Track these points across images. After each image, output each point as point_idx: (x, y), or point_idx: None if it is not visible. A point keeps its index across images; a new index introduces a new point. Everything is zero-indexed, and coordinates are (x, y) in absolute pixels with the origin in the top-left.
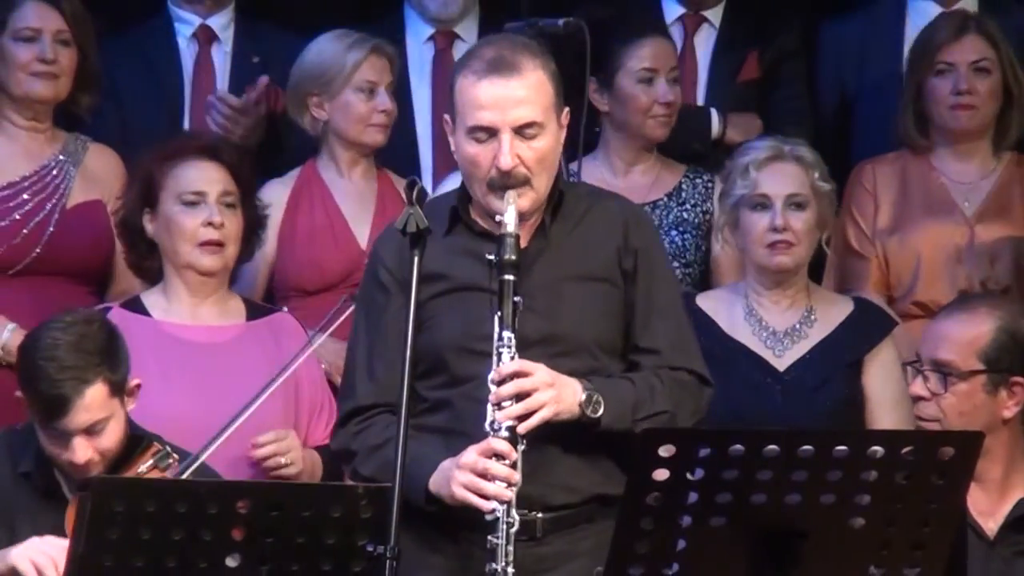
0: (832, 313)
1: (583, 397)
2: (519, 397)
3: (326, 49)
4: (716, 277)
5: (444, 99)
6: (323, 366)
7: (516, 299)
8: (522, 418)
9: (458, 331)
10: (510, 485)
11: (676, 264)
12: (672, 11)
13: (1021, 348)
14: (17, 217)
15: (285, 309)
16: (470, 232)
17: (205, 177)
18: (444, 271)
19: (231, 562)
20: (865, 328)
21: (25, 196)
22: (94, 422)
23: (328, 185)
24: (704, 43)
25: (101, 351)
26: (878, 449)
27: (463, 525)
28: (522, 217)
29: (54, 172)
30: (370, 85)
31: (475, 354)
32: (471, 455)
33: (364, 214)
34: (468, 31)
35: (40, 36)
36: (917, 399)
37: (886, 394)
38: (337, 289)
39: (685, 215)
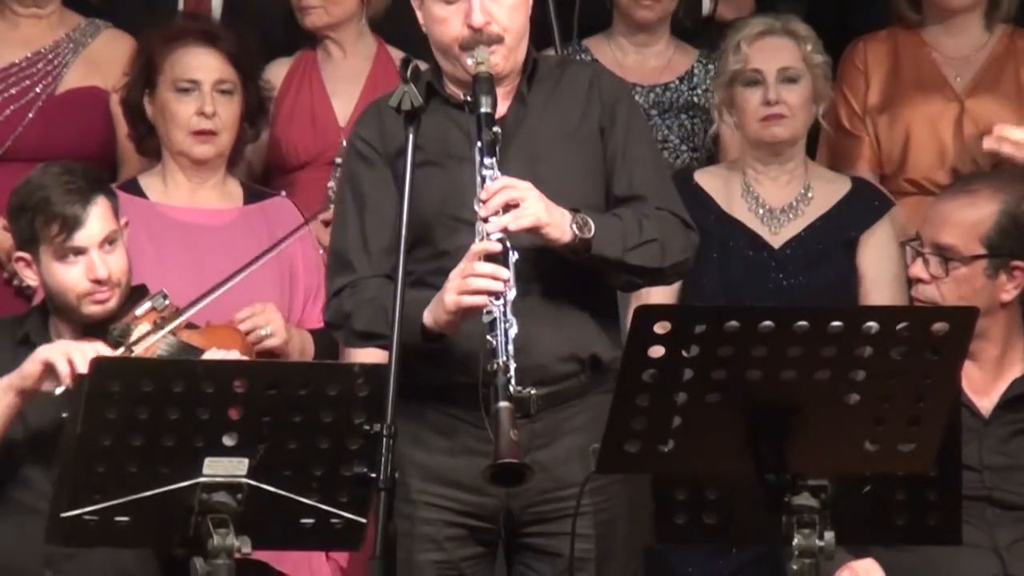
0: (829, 191)
1: (573, 217)
2: (507, 211)
3: None
4: (722, 157)
5: None
6: (320, 250)
7: (495, 130)
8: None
9: (439, 200)
10: (501, 282)
11: (684, 147)
12: None
13: (1023, 231)
14: None
15: (283, 193)
16: (446, 105)
17: (201, 64)
18: (423, 143)
19: (228, 441)
20: (862, 207)
21: (7, 82)
22: (108, 232)
23: (320, 64)
24: None
25: (93, 177)
26: (872, 324)
27: (460, 404)
28: (497, 75)
29: (49, 57)
30: None
31: (459, 222)
32: (461, 262)
33: (351, 92)
34: None
35: None
36: (916, 280)
37: (881, 273)
38: (312, 167)
39: (695, 99)
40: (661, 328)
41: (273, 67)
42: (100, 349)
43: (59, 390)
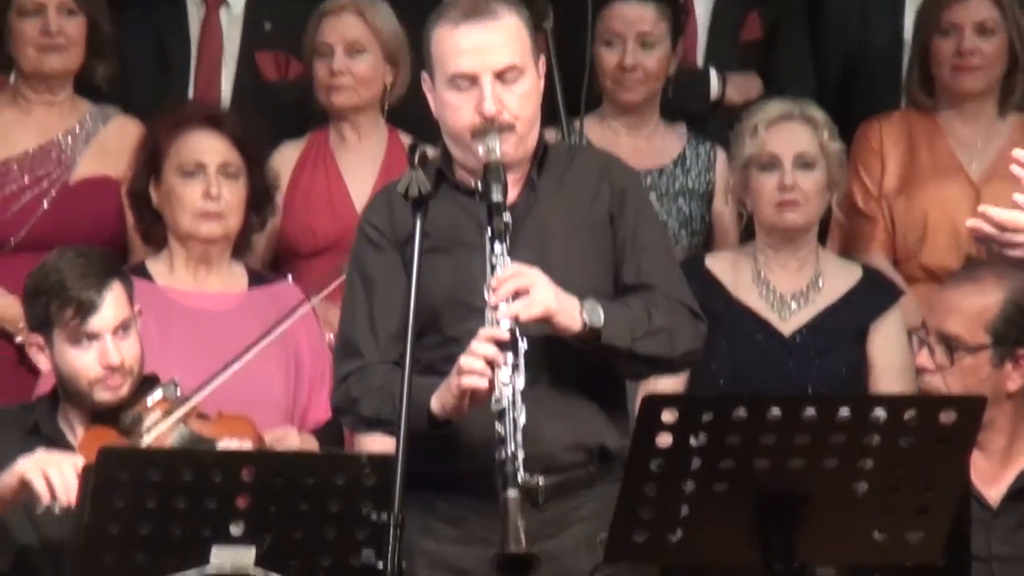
0: (840, 279)
1: (582, 305)
2: (516, 298)
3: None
4: (716, 241)
5: None
6: (328, 334)
7: (506, 219)
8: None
9: (449, 286)
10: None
11: (684, 232)
12: None
13: None
14: (8, 193)
15: (289, 278)
16: (456, 191)
17: (205, 148)
18: (431, 230)
19: (235, 530)
20: (873, 296)
21: (22, 171)
22: (122, 319)
23: (334, 148)
24: (704, 2)
25: (109, 263)
26: (880, 413)
27: (469, 492)
28: (508, 163)
29: (61, 147)
30: (326, 48)
31: (467, 308)
32: (469, 347)
33: (366, 177)
34: None
35: (44, 9)
36: (922, 370)
37: (892, 362)
38: (329, 253)
39: (690, 183)
40: (668, 417)
41: (283, 150)
42: (78, 462)
43: (40, 508)
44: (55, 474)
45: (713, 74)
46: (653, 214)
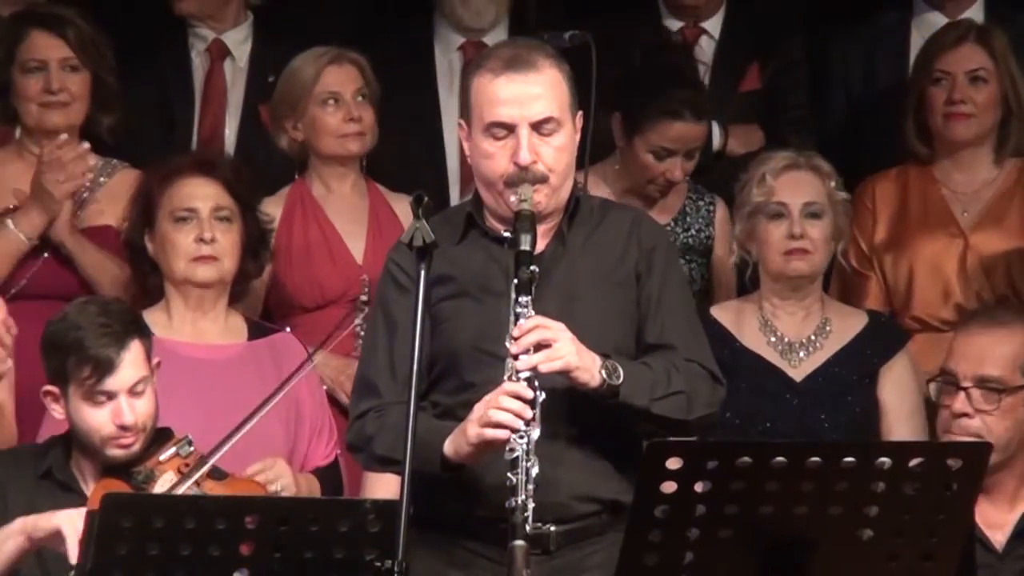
0: (847, 325)
1: (603, 362)
2: (538, 350)
3: (292, 67)
4: (715, 291)
5: None
6: (324, 386)
7: (533, 268)
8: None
9: (472, 333)
10: (525, 422)
11: None
12: (671, 24)
13: None
14: None
15: (288, 329)
16: (485, 238)
17: (198, 193)
18: (459, 274)
19: None
20: (880, 340)
21: None
22: (138, 379)
23: (319, 201)
24: (704, 55)
25: (129, 317)
26: (885, 460)
27: (479, 538)
28: (539, 213)
29: None
30: (334, 96)
31: (489, 356)
32: (487, 396)
33: (358, 229)
34: (497, 40)
35: (46, 66)
36: (957, 416)
37: (902, 406)
38: (335, 305)
39: (690, 241)
40: (673, 463)
41: (265, 205)
42: None
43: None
44: None
45: (715, 126)
46: (680, 275)
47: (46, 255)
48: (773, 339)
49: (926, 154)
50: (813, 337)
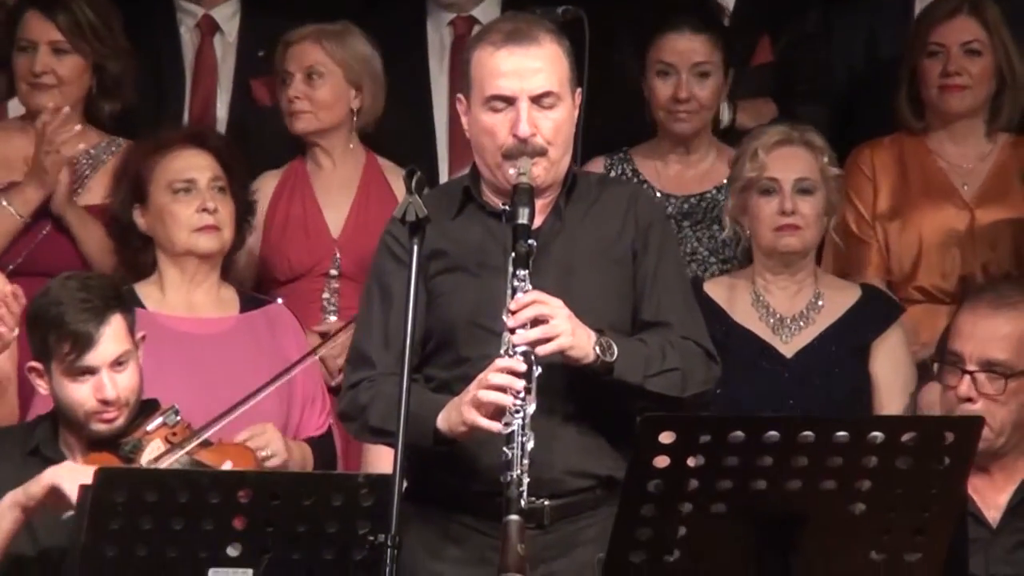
0: (839, 299)
1: (597, 338)
2: (535, 325)
3: None
4: None
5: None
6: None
7: (531, 242)
8: (538, 345)
9: (469, 307)
10: (523, 398)
11: (713, 259)
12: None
13: None
14: None
15: (280, 300)
16: (482, 212)
17: (194, 164)
18: (455, 248)
19: (232, 551)
20: (872, 314)
21: None
22: (120, 354)
23: (311, 175)
24: None
25: (110, 292)
26: (878, 435)
27: (474, 512)
28: (537, 188)
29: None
30: (286, 76)
31: (484, 331)
32: (483, 374)
33: (343, 202)
34: (488, 17)
35: (35, 47)
36: (963, 400)
37: (895, 380)
38: (305, 278)
39: None
40: (666, 438)
41: (263, 179)
42: None
43: (66, 515)
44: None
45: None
46: (676, 253)
47: (46, 231)
48: (765, 314)
49: (919, 127)
50: (805, 311)
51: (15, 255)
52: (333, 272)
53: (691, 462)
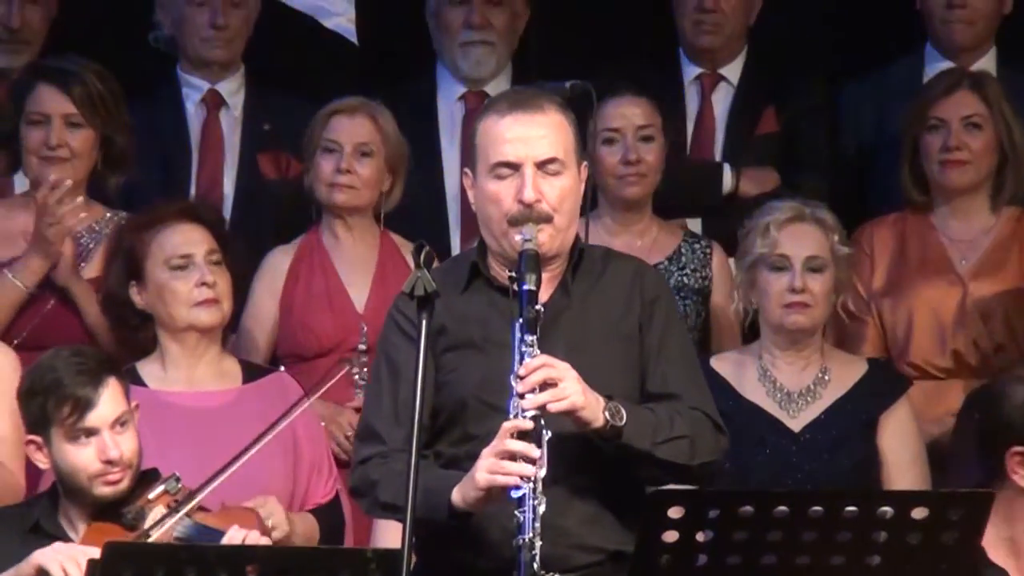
0: (846, 373)
1: (606, 403)
2: (543, 389)
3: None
4: (714, 333)
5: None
6: (323, 423)
7: (538, 307)
8: (548, 406)
9: (475, 383)
10: (533, 463)
11: None
12: (689, 71)
13: None
14: None
15: (282, 368)
16: (489, 287)
17: (190, 239)
18: (462, 325)
19: None
20: (880, 388)
21: None
22: (120, 414)
23: (329, 250)
24: (722, 101)
25: (103, 357)
26: (888, 509)
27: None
28: (543, 255)
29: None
30: (333, 145)
31: (491, 407)
32: (494, 440)
33: (363, 278)
34: (499, 91)
35: (49, 120)
36: None
37: (903, 454)
38: (334, 354)
39: (685, 280)
40: (675, 513)
41: (276, 254)
42: (93, 553)
43: None
44: (71, 565)
45: (726, 168)
46: (681, 325)
47: (51, 304)
48: (772, 389)
49: (923, 201)
50: (812, 386)
51: (20, 328)
52: (362, 347)
53: (700, 537)
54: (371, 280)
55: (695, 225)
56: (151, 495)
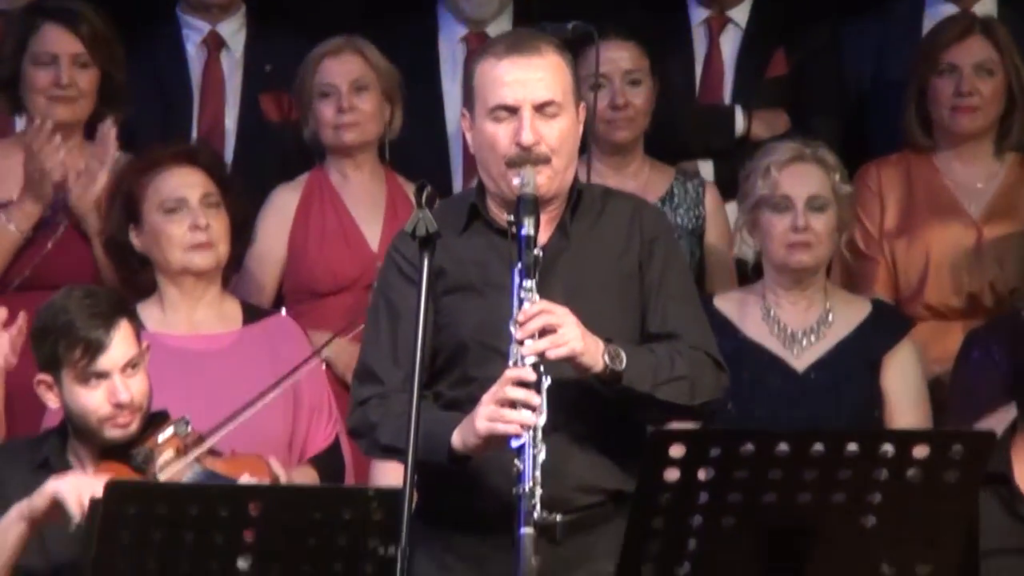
0: (850, 313)
1: (606, 347)
2: (543, 335)
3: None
4: (710, 273)
5: None
6: (329, 369)
7: (536, 252)
8: (548, 352)
9: (475, 326)
10: (534, 411)
11: None
12: (697, 14)
13: None
14: None
15: (283, 311)
16: (488, 228)
17: (184, 182)
18: (460, 267)
19: (243, 564)
20: (883, 328)
21: None
22: (131, 357)
23: (338, 189)
24: (730, 43)
25: (115, 299)
26: (888, 448)
27: (486, 530)
28: (541, 198)
29: (68, 190)
30: (328, 89)
31: (491, 351)
32: (493, 387)
33: (375, 217)
34: (501, 32)
35: (57, 60)
36: None
37: (906, 394)
38: (349, 291)
39: (678, 220)
40: (676, 451)
41: (282, 192)
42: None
43: (72, 527)
44: (88, 495)
45: (738, 111)
46: (682, 263)
47: (50, 245)
48: (776, 329)
49: (928, 145)
50: (816, 326)
51: (20, 269)
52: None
53: (701, 475)
54: (382, 218)
55: (706, 169)
56: (160, 438)
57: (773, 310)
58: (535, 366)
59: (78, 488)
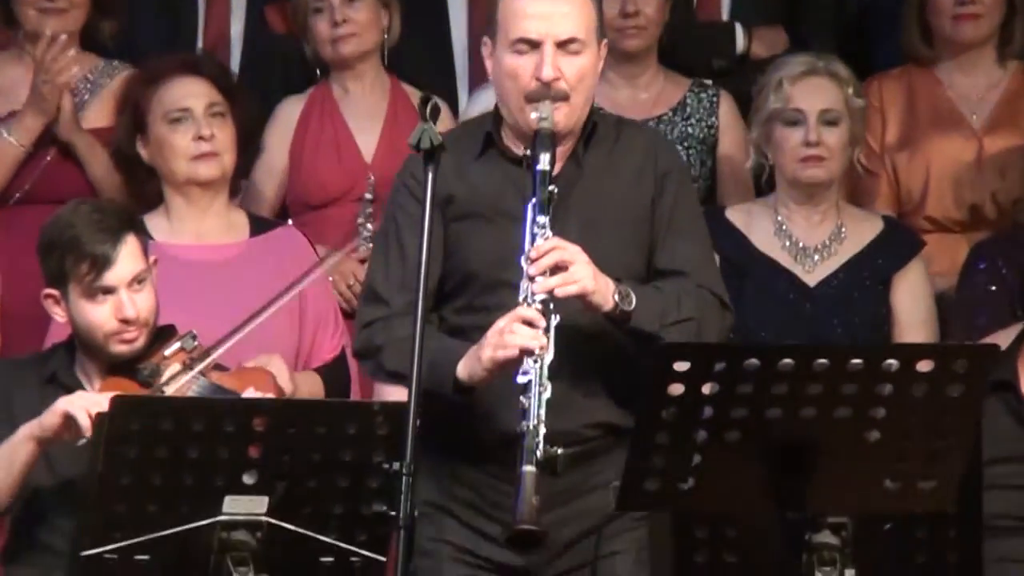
0: (862, 230)
1: (616, 286)
2: (554, 272)
3: None
4: (723, 182)
5: (480, 9)
6: (331, 278)
7: (552, 188)
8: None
9: (485, 255)
10: (541, 347)
11: None
12: None
13: None
14: None
15: (290, 222)
16: (503, 157)
17: (189, 92)
18: (474, 195)
19: (248, 479)
20: (895, 247)
21: None
22: (137, 272)
23: (338, 100)
24: None
25: (123, 214)
26: (893, 362)
27: (488, 459)
28: (558, 132)
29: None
30: (321, 4)
31: (500, 280)
32: (501, 321)
33: (373, 127)
34: None
35: None
36: None
37: (915, 313)
38: (340, 203)
39: (690, 130)
40: (681, 366)
41: (286, 105)
42: None
43: (81, 442)
44: (96, 411)
45: (739, 28)
46: (693, 201)
47: (50, 158)
48: (787, 243)
49: (929, 56)
50: (828, 242)
51: (21, 184)
52: (368, 196)
53: (706, 389)
54: (381, 128)
55: None
56: (167, 352)
57: (785, 225)
58: (544, 303)
59: (87, 404)
